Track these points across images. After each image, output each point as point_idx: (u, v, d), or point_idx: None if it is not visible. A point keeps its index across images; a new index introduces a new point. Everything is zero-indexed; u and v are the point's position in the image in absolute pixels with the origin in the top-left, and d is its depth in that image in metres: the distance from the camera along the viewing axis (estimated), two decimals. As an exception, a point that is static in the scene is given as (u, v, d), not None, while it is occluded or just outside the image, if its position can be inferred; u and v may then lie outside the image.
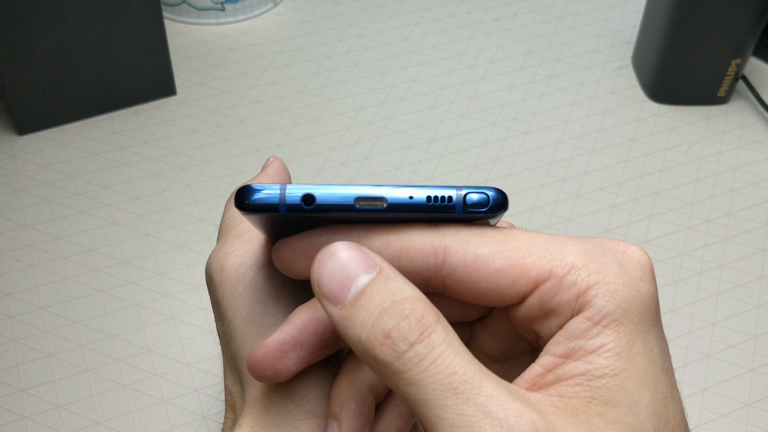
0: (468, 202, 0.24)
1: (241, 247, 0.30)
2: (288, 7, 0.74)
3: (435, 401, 0.21)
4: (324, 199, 0.24)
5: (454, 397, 0.21)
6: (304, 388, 0.28)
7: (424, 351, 0.21)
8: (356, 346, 0.22)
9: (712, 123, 0.62)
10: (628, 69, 0.67)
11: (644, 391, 0.22)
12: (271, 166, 0.35)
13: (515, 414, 0.20)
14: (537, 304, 0.23)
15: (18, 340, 0.45)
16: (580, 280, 0.23)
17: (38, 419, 0.41)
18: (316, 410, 0.28)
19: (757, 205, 0.55)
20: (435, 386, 0.21)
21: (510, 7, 0.74)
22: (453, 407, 0.21)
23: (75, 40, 0.55)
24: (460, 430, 0.21)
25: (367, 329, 0.22)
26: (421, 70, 0.66)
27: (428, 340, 0.21)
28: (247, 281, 0.29)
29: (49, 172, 0.55)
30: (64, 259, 0.49)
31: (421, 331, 0.21)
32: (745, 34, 0.58)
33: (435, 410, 0.21)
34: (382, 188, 0.24)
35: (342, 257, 0.23)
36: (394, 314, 0.22)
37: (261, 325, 0.28)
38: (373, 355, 0.22)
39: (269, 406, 0.28)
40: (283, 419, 0.27)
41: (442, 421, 0.21)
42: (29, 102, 0.56)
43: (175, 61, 0.66)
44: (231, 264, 0.30)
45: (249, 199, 0.24)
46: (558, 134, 0.60)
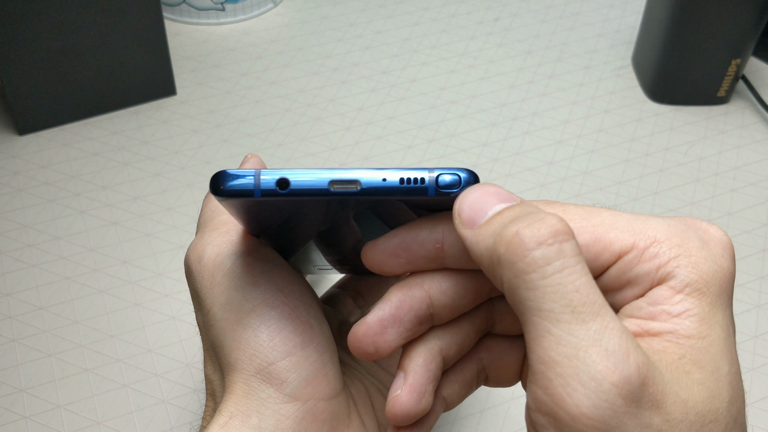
0: (440, 183, 0.24)
1: (219, 237, 0.31)
2: (288, 7, 0.74)
3: (550, 313, 0.20)
4: (298, 183, 0.24)
5: (571, 315, 0.20)
6: (284, 372, 0.28)
7: (552, 255, 0.21)
8: (483, 258, 0.22)
9: (712, 123, 0.62)
10: (628, 69, 0.67)
11: (724, 361, 0.22)
12: (248, 163, 0.35)
13: (625, 351, 0.20)
14: (616, 275, 0.23)
15: (18, 340, 0.45)
16: (662, 252, 0.23)
17: (38, 419, 0.41)
18: (296, 393, 0.28)
19: (757, 205, 0.55)
20: (555, 297, 0.20)
21: (510, 7, 0.74)
22: (566, 325, 0.20)
23: (75, 40, 0.55)
24: (566, 350, 0.20)
25: (496, 235, 0.22)
26: (421, 70, 0.66)
27: (560, 246, 0.21)
28: (225, 270, 0.30)
29: (49, 172, 0.55)
30: (65, 259, 0.49)
31: (554, 234, 0.21)
32: (745, 34, 0.58)
33: (547, 322, 0.21)
34: (356, 171, 0.24)
35: (484, 190, 0.23)
36: (527, 219, 0.21)
37: (239, 312, 0.29)
38: (497, 256, 0.21)
39: (249, 392, 0.28)
40: (263, 404, 0.28)
41: (549, 335, 0.20)
42: (29, 102, 0.56)
43: (175, 61, 0.66)
44: (209, 254, 0.30)
45: (224, 185, 0.24)
46: (558, 134, 0.60)
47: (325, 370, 0.29)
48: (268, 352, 0.28)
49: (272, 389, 0.28)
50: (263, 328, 0.28)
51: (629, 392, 0.20)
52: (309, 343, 0.29)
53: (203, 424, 0.31)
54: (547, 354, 0.20)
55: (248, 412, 0.28)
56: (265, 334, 0.28)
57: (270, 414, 0.28)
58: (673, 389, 0.21)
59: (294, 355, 0.28)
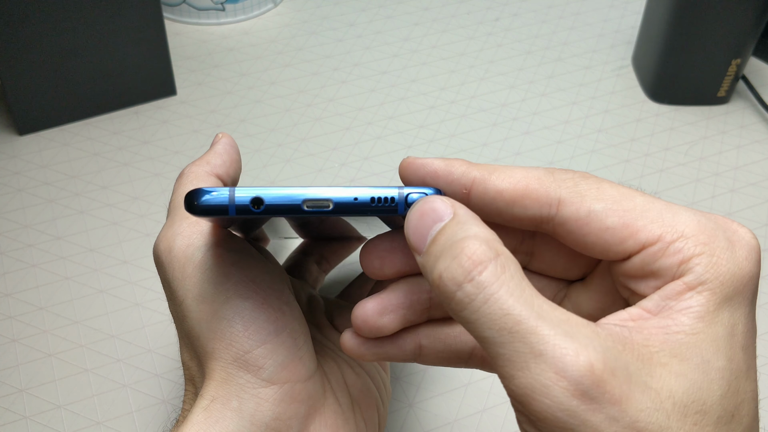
0: (410, 201, 0.25)
1: (188, 228, 0.31)
2: (288, 7, 0.74)
3: (492, 339, 0.22)
4: (272, 201, 0.25)
5: (510, 335, 0.21)
6: (260, 359, 0.29)
7: (473, 291, 0.22)
8: (433, 291, 0.24)
9: (712, 123, 0.62)
10: (628, 69, 0.67)
11: (719, 356, 0.22)
12: (219, 144, 0.36)
13: (572, 353, 0.20)
14: (640, 264, 0.24)
15: (18, 340, 0.45)
16: (687, 248, 0.23)
17: (38, 419, 0.41)
18: (273, 378, 0.29)
19: (757, 205, 0.55)
20: (490, 325, 0.21)
21: (510, 7, 0.74)
22: (509, 344, 0.21)
23: (75, 40, 0.55)
24: (517, 365, 0.21)
25: (433, 272, 0.23)
26: (422, 70, 0.66)
27: (477, 280, 0.22)
28: (196, 261, 0.30)
29: (49, 172, 0.55)
30: (65, 260, 0.49)
31: (468, 270, 0.22)
32: (745, 34, 0.58)
33: (494, 347, 0.22)
34: (329, 189, 0.25)
35: (421, 211, 0.24)
36: (447, 256, 0.22)
37: (213, 303, 0.30)
38: (437, 296, 0.23)
39: (228, 378, 0.29)
40: (242, 388, 0.29)
41: (500, 357, 0.21)
42: (29, 102, 0.56)
43: (175, 61, 0.66)
44: (179, 245, 0.31)
45: (198, 203, 0.25)
46: (558, 134, 0.60)
47: (299, 354, 0.30)
48: (244, 341, 0.29)
49: (250, 375, 0.29)
50: (238, 318, 0.29)
51: (583, 392, 0.20)
52: (282, 330, 0.30)
53: (184, 407, 0.32)
54: (505, 371, 0.21)
55: (228, 396, 0.29)
56: (240, 325, 0.29)
57: (249, 398, 0.29)
58: (641, 379, 0.21)
59: (269, 343, 0.29)
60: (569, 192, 0.25)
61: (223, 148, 0.35)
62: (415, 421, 0.42)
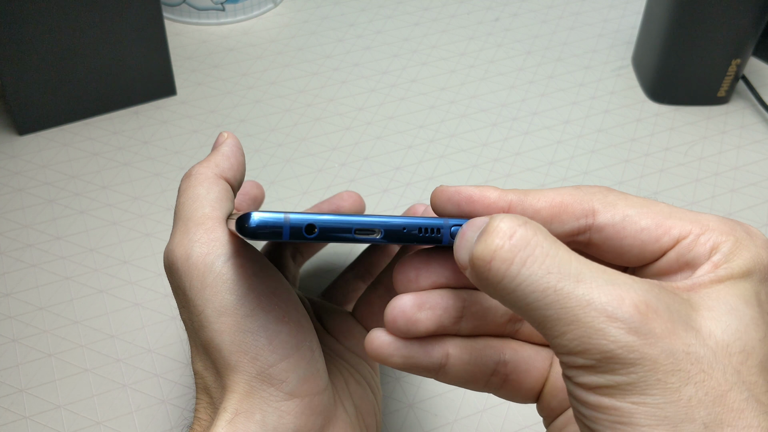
0: (453, 232, 0.26)
1: (206, 234, 0.31)
2: (288, 7, 0.74)
3: (536, 303, 0.22)
4: (325, 227, 0.26)
5: (555, 295, 0.22)
6: (283, 372, 0.29)
7: (509, 256, 0.22)
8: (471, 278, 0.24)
9: (712, 123, 0.62)
10: (628, 69, 0.67)
11: (748, 307, 0.23)
12: (226, 145, 0.35)
13: (617, 298, 0.21)
14: (675, 258, 0.25)
15: (18, 340, 0.45)
16: (715, 237, 0.25)
17: (38, 419, 0.41)
18: (294, 391, 0.30)
19: (757, 205, 0.55)
20: (533, 288, 0.22)
21: (510, 7, 0.74)
22: (555, 304, 0.22)
23: (75, 40, 0.55)
24: (567, 320, 0.22)
25: (467, 264, 0.24)
26: (422, 70, 0.66)
27: (509, 244, 0.22)
28: (216, 271, 0.30)
29: (49, 172, 0.55)
30: (65, 259, 0.49)
31: (502, 237, 0.23)
32: (745, 34, 0.58)
33: (539, 311, 0.22)
34: (379, 219, 0.26)
35: (463, 230, 0.25)
36: (480, 240, 0.23)
37: (236, 316, 0.29)
38: (473, 278, 0.24)
39: (251, 392, 0.29)
40: (265, 402, 0.29)
41: (547, 319, 0.22)
42: (29, 102, 0.56)
43: (175, 61, 0.66)
44: (198, 253, 0.30)
45: (253, 228, 0.25)
46: (558, 134, 0.60)
47: (317, 367, 0.31)
48: (268, 356, 0.29)
49: (273, 389, 0.29)
50: (262, 332, 0.30)
51: (637, 327, 0.21)
52: (302, 343, 0.30)
53: (198, 416, 0.31)
54: (554, 330, 0.22)
55: (252, 409, 0.29)
56: (264, 338, 0.29)
57: (272, 411, 0.29)
58: (682, 318, 0.22)
59: (292, 357, 0.30)
60: (601, 202, 0.26)
61: (230, 150, 0.35)
62: (415, 421, 0.42)
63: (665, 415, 0.21)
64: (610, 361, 0.21)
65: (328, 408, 0.31)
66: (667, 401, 0.21)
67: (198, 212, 0.31)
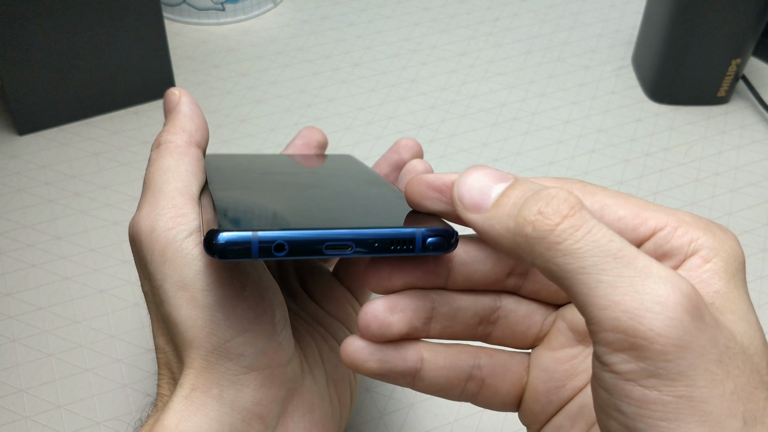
0: (428, 244, 0.27)
1: (173, 210, 0.31)
2: (288, 7, 0.74)
3: (594, 266, 0.22)
4: (294, 245, 0.26)
5: (614, 261, 0.22)
6: (240, 347, 0.29)
7: (578, 222, 0.23)
8: (504, 238, 0.24)
9: (712, 123, 0.62)
10: (628, 69, 0.67)
11: (751, 312, 0.24)
12: (184, 105, 0.35)
13: (676, 275, 0.22)
14: (653, 248, 0.26)
15: (18, 340, 0.45)
16: (692, 231, 0.25)
17: (38, 419, 0.41)
18: (253, 365, 0.29)
19: (757, 205, 0.55)
20: (594, 252, 0.22)
21: (510, 7, 0.74)
22: (613, 270, 0.22)
23: (75, 40, 0.55)
24: (623, 290, 0.21)
25: (514, 217, 0.24)
26: (421, 70, 0.66)
27: (580, 213, 0.23)
28: (176, 246, 0.30)
29: (49, 172, 0.55)
30: (65, 259, 0.49)
31: (571, 205, 0.23)
32: (745, 34, 0.58)
33: (594, 275, 0.22)
34: (350, 232, 0.26)
35: (478, 173, 0.26)
36: (540, 198, 0.24)
37: (194, 291, 0.29)
38: (524, 235, 0.23)
39: (208, 367, 0.29)
40: (222, 376, 0.29)
41: (601, 284, 0.22)
42: (29, 102, 0.56)
43: (175, 61, 0.66)
44: (162, 227, 0.30)
45: (219, 248, 0.25)
46: (558, 134, 0.60)
47: (278, 339, 0.30)
48: (225, 331, 0.29)
49: (231, 363, 0.29)
50: (218, 307, 0.29)
51: (693, 309, 0.21)
52: (262, 316, 0.30)
53: (161, 392, 0.31)
54: (607, 298, 0.22)
55: (209, 384, 0.29)
56: (221, 314, 0.29)
57: (229, 385, 0.29)
58: (714, 316, 0.22)
59: (249, 331, 0.29)
60: (581, 191, 0.27)
61: (191, 110, 0.34)
62: (415, 421, 0.42)
63: (710, 410, 0.21)
64: (660, 340, 0.21)
65: (291, 380, 0.31)
66: (713, 394, 0.21)
67: (168, 185, 0.31)
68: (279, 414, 0.31)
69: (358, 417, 0.42)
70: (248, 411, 0.30)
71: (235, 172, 0.36)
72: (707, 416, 0.21)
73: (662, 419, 0.21)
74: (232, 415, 0.29)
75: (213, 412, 0.29)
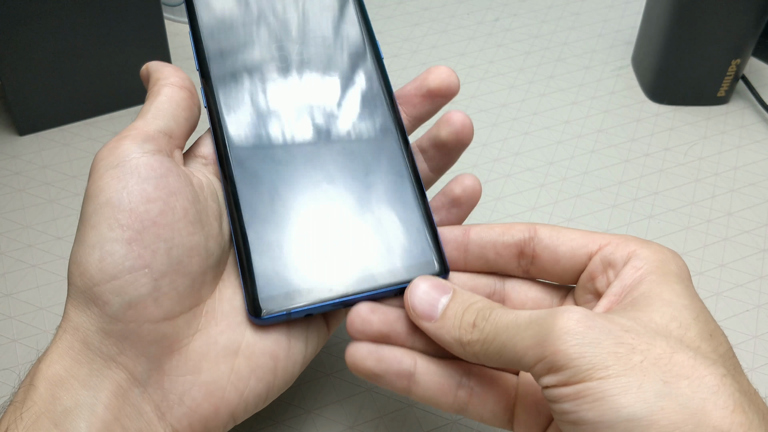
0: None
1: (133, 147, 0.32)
2: (288, 8, 0.74)
3: (510, 338, 0.28)
4: (318, 311, 0.33)
5: (517, 328, 0.28)
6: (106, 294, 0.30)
7: (494, 321, 0.29)
8: (452, 344, 0.31)
9: (712, 123, 0.62)
10: (628, 69, 0.67)
11: (680, 298, 0.29)
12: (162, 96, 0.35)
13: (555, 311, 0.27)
14: (599, 260, 0.32)
15: (18, 341, 0.45)
16: (631, 245, 0.32)
17: (39, 419, 0.42)
18: (118, 315, 0.30)
19: (757, 205, 0.55)
20: (511, 331, 0.28)
21: (510, 8, 0.74)
22: (521, 333, 0.28)
23: (75, 40, 0.55)
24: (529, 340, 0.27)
25: (458, 327, 0.30)
26: (421, 70, 0.66)
27: (492, 316, 0.29)
28: (99, 174, 0.32)
29: (49, 172, 0.55)
30: (65, 260, 0.49)
31: (486, 315, 0.30)
32: (745, 34, 0.58)
33: (512, 343, 0.28)
34: (362, 296, 0.33)
35: (425, 286, 0.32)
36: (471, 311, 0.30)
37: (83, 225, 0.31)
38: (467, 342, 0.30)
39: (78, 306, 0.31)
40: (89, 320, 0.31)
41: (521, 344, 0.28)
42: (29, 102, 0.56)
43: (175, 61, 0.66)
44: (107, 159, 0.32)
45: (261, 322, 0.32)
46: (558, 134, 0.60)
47: (155, 295, 0.30)
48: (95, 273, 0.29)
49: (97, 308, 0.29)
50: (97, 249, 0.29)
51: (579, 320, 0.27)
52: (140, 268, 0.29)
53: None
54: (526, 350, 0.28)
55: (77, 327, 0.30)
56: (97, 254, 0.29)
57: (95, 331, 0.30)
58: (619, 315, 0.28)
59: (119, 279, 0.29)
60: (538, 224, 0.34)
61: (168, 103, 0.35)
62: (415, 421, 0.42)
63: (627, 380, 0.25)
64: (569, 356, 0.26)
65: (168, 338, 0.30)
66: (624, 367, 0.25)
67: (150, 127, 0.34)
68: (151, 369, 0.30)
69: (358, 417, 0.42)
70: (112, 359, 0.30)
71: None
72: (626, 385, 0.25)
73: (595, 400, 0.25)
74: (96, 361, 0.29)
75: (78, 355, 0.29)
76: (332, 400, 0.42)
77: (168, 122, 0.34)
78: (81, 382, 0.29)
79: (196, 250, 0.31)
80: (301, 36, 0.39)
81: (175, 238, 0.30)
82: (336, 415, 0.42)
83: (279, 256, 0.33)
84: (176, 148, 0.34)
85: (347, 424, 0.41)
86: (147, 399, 0.30)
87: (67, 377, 0.29)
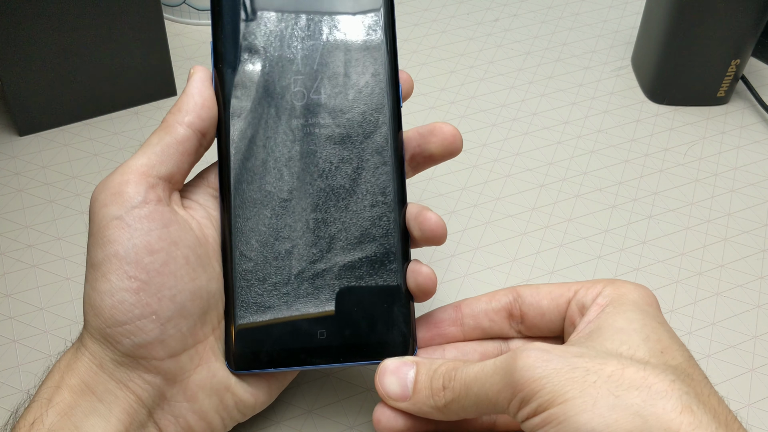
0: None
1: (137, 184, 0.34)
2: (288, 8, 0.74)
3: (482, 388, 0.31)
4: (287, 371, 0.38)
5: (485, 377, 0.31)
6: (117, 336, 0.33)
7: (462, 378, 0.32)
8: (432, 412, 0.33)
9: (712, 123, 0.62)
10: (627, 69, 0.67)
11: (632, 324, 0.32)
12: (194, 88, 0.37)
13: (515, 352, 0.30)
14: (575, 305, 0.35)
15: (18, 341, 0.45)
16: (599, 286, 0.35)
17: (39, 420, 0.41)
18: (129, 352, 0.33)
19: (757, 205, 0.55)
20: (480, 381, 0.31)
21: (510, 8, 0.74)
22: (488, 380, 0.31)
23: (75, 40, 0.55)
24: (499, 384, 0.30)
25: (431, 396, 0.33)
26: (421, 70, 0.66)
27: (458, 375, 0.32)
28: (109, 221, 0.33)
29: (49, 172, 0.55)
30: (65, 260, 0.49)
31: (452, 375, 0.33)
32: (745, 34, 0.58)
33: (485, 390, 0.31)
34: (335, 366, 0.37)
35: (390, 372, 0.35)
36: (437, 377, 0.33)
37: (97, 271, 0.33)
38: (444, 405, 0.33)
39: (92, 339, 0.34)
40: (103, 351, 0.34)
41: (492, 389, 0.30)
42: (29, 102, 0.56)
43: (175, 61, 0.66)
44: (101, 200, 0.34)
45: (236, 371, 0.36)
46: (558, 135, 0.60)
47: (162, 338, 0.33)
48: (107, 318, 0.32)
49: (110, 344, 0.33)
50: (107, 297, 0.32)
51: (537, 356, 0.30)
52: (149, 315, 0.33)
53: None
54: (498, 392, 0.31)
55: (93, 353, 0.33)
56: (108, 303, 0.32)
57: (109, 360, 0.33)
58: (575, 347, 0.31)
59: (129, 325, 0.33)
60: (518, 287, 0.38)
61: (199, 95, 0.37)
62: (416, 421, 0.42)
63: (583, 400, 0.27)
64: (533, 389, 0.29)
65: (172, 371, 0.34)
66: (580, 389, 0.28)
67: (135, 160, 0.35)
68: (156, 396, 0.34)
69: (358, 417, 0.42)
70: (124, 384, 0.33)
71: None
72: (584, 405, 0.27)
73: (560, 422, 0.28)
74: (110, 382, 0.33)
75: (95, 375, 0.33)
76: (332, 400, 0.42)
77: (171, 168, 0.35)
78: (98, 397, 0.33)
79: (198, 294, 0.34)
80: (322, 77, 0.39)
81: (178, 285, 0.34)
82: (336, 415, 0.42)
83: (261, 316, 0.36)
84: (175, 191, 0.36)
85: (347, 424, 0.41)
86: (150, 419, 0.34)
87: (87, 390, 0.33)
